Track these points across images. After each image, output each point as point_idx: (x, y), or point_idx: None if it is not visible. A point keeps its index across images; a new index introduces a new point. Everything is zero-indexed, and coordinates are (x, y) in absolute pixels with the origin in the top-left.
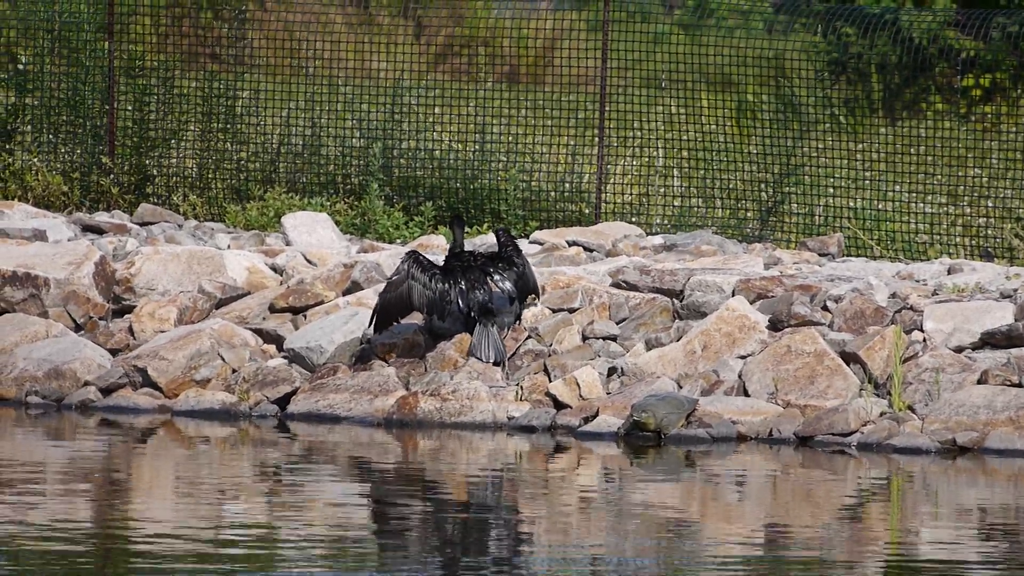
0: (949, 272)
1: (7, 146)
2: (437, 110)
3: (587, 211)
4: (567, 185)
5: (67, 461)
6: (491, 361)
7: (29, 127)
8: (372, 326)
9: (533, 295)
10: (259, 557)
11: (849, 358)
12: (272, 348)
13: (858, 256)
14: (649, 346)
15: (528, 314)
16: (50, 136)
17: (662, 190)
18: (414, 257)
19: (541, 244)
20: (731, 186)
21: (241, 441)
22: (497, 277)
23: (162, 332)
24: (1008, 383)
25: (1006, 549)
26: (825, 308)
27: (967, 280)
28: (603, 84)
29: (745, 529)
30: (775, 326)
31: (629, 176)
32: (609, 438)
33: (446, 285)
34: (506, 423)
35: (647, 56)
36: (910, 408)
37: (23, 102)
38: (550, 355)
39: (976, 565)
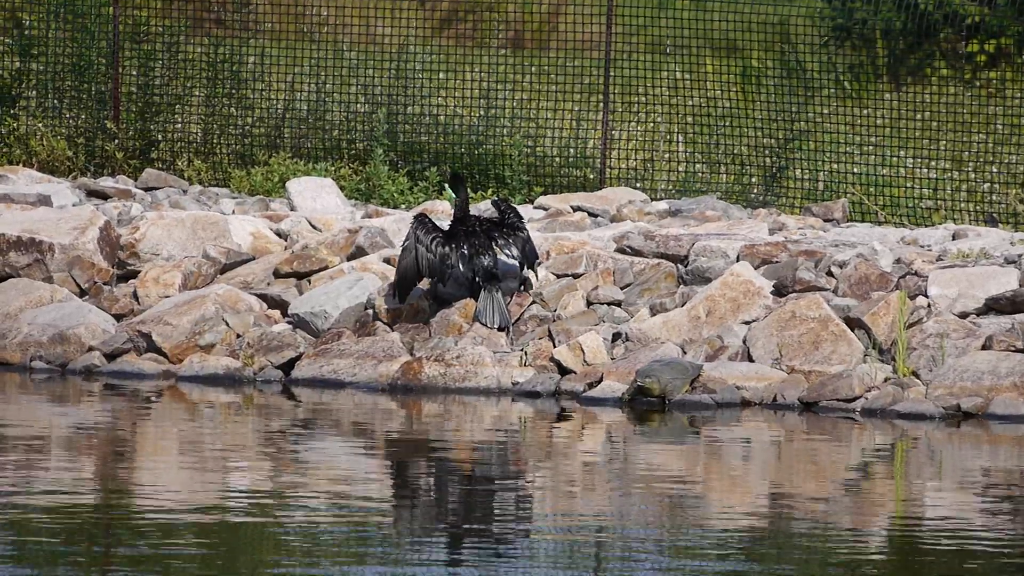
0: (954, 238)
1: (12, 111)
2: (442, 75)
3: (592, 176)
4: (572, 151)
5: (72, 426)
6: (496, 326)
7: (34, 92)
8: (396, 295)
9: (533, 265)
10: (263, 522)
11: (853, 324)
12: (276, 313)
13: (863, 222)
14: (653, 311)
15: (532, 279)
16: (55, 101)
17: (667, 156)
18: (420, 220)
19: (546, 209)
20: (736, 152)
21: (245, 406)
22: (502, 242)
23: (166, 297)
24: (1012, 349)
25: (1009, 514)
26: (830, 274)
27: (972, 246)
28: (608, 50)
29: (749, 494)
30: (780, 292)
31: (634, 142)
32: (613, 403)
33: (447, 249)
34: (510, 388)
35: (652, 22)
36: (914, 374)
37: (28, 67)
38: (554, 320)
39: (980, 530)
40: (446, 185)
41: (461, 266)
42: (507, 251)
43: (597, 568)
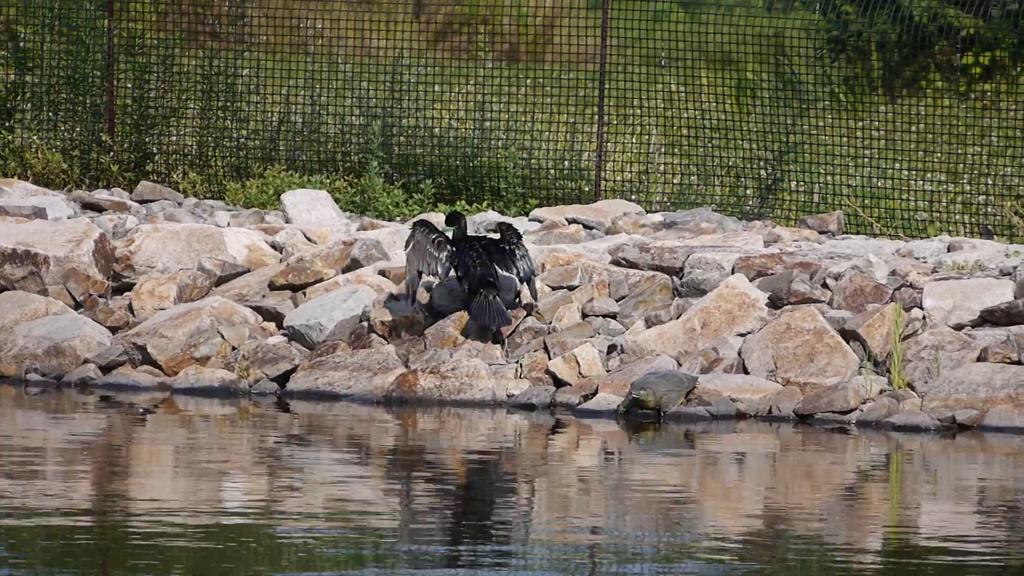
0: (949, 250)
1: (7, 124)
2: (437, 88)
3: (587, 189)
4: (567, 163)
5: (67, 438)
6: (494, 325)
7: (29, 105)
8: (411, 299)
9: (529, 282)
10: (259, 534)
11: (849, 336)
12: (272, 326)
13: (858, 234)
14: (649, 324)
15: (527, 291)
16: (50, 114)
17: (661, 168)
18: (422, 224)
19: (540, 222)
20: (730, 164)
21: (241, 418)
22: (498, 258)
23: (162, 310)
24: (1007, 361)
25: (1005, 526)
26: (825, 286)
27: (967, 258)
28: (603, 62)
29: (744, 506)
30: (775, 304)
31: (628, 154)
32: (608, 416)
33: (445, 252)
34: (505, 401)
35: (647, 34)
36: (910, 386)
37: (23, 80)
38: (549, 333)
39: (975, 541)
40: (451, 223)
41: (459, 274)
42: (501, 270)
43: None
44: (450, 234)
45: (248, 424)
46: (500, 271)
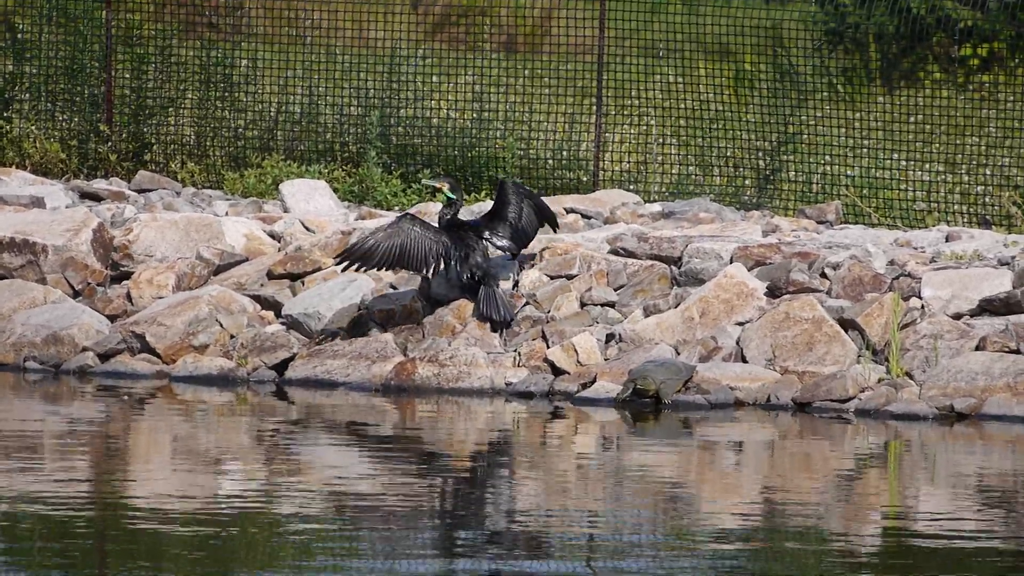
0: (947, 239)
1: (5, 114)
2: (435, 79)
3: (585, 179)
4: (565, 153)
5: (65, 425)
6: (503, 319)
7: (27, 95)
8: (344, 260)
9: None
10: (257, 522)
11: (847, 325)
12: (270, 314)
13: (856, 224)
14: (647, 313)
15: (526, 280)
16: (48, 104)
17: (660, 158)
18: (410, 216)
19: None
20: (729, 154)
21: (239, 406)
22: (488, 234)
23: (160, 298)
24: (1006, 350)
25: (1003, 514)
26: (823, 275)
27: (965, 247)
28: (601, 53)
29: (741, 495)
30: (773, 293)
31: (627, 144)
32: (607, 404)
33: (451, 244)
34: (504, 389)
35: (645, 25)
36: (908, 374)
37: (21, 70)
38: (548, 321)
39: (973, 530)
40: (444, 188)
41: (458, 267)
42: (499, 244)
43: (590, 569)
44: (445, 213)
45: (247, 411)
46: (493, 250)
